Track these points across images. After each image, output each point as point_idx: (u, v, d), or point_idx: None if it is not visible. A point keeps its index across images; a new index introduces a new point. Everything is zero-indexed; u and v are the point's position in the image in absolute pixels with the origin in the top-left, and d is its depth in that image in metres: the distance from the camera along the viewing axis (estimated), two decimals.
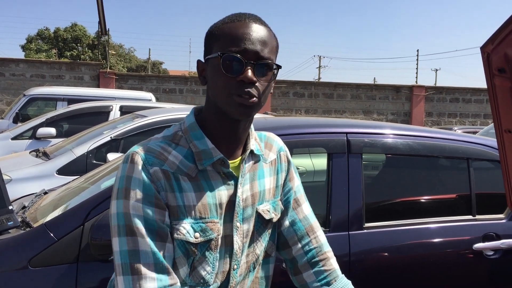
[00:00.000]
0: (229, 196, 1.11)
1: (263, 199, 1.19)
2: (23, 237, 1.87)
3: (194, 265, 1.08)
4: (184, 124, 1.14)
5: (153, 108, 5.99)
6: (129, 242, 1.00)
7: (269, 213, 1.19)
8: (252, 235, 1.17)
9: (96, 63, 15.58)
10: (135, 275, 0.99)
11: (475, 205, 2.41)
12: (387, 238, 2.23)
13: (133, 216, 1.01)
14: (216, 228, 1.08)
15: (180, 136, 1.11)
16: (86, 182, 2.67)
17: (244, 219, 1.14)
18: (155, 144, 1.08)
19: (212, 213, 1.08)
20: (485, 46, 1.47)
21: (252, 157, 1.19)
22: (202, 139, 1.09)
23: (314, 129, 2.36)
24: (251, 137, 1.18)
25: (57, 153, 4.52)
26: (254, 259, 1.20)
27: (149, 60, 42.41)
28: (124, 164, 1.05)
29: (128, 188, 1.02)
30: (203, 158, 1.08)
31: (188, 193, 1.06)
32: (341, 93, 16.67)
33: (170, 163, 1.06)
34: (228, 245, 1.12)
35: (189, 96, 15.24)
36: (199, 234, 1.05)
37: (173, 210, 1.04)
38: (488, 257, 2.29)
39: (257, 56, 1.04)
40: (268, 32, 1.09)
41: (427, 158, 2.49)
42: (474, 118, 17.72)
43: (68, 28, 34.44)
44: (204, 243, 1.07)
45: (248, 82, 1.03)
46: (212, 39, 1.08)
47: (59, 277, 1.76)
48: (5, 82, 14.10)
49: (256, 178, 1.18)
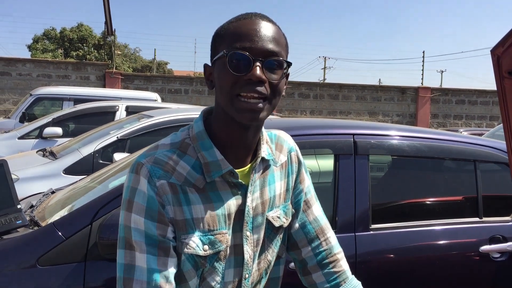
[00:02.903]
0: (238, 205, 1.06)
1: (273, 205, 1.14)
2: (31, 236, 1.89)
3: (204, 276, 1.05)
4: (192, 130, 1.07)
5: (159, 109, 6.01)
6: (126, 255, 0.98)
7: (280, 220, 1.15)
8: (263, 243, 1.13)
9: (102, 63, 15.65)
10: None
11: (482, 207, 2.40)
12: (393, 239, 2.23)
13: (134, 230, 0.98)
14: (225, 240, 1.04)
15: (188, 145, 1.05)
16: (93, 181, 2.69)
17: (254, 228, 1.10)
18: (162, 154, 1.03)
19: (221, 225, 1.04)
20: (496, 49, 1.47)
21: (263, 163, 1.13)
22: (210, 149, 1.04)
23: (321, 130, 2.36)
24: (262, 142, 1.12)
25: (63, 153, 4.55)
26: (267, 265, 1.16)
27: (155, 60, 42.52)
28: (130, 174, 1.01)
29: (131, 201, 0.99)
30: (211, 170, 1.02)
31: (196, 205, 1.01)
32: (347, 94, 16.65)
33: (177, 175, 1.01)
34: (238, 255, 1.08)
35: (194, 96, 15.27)
36: (208, 246, 1.02)
37: (180, 224, 1.00)
38: (495, 259, 2.28)
39: (265, 52, 0.97)
40: (277, 29, 1.03)
41: (433, 159, 2.49)
42: (480, 120, 17.66)
43: (74, 28, 34.59)
44: (213, 255, 1.04)
45: (257, 80, 0.95)
46: (219, 40, 1.02)
47: (67, 275, 1.77)
48: (11, 81, 14.18)
49: (266, 184, 1.12)
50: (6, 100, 14.17)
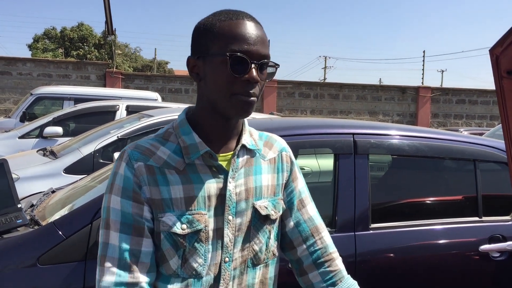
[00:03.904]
0: (218, 189, 1.12)
1: (260, 195, 1.19)
2: (32, 235, 1.89)
3: (186, 257, 1.09)
4: (175, 121, 1.17)
5: (159, 108, 6.01)
6: (104, 234, 1.06)
7: (267, 209, 1.19)
8: (248, 230, 1.17)
9: (102, 63, 15.65)
10: (101, 266, 1.04)
11: (481, 206, 2.41)
12: (393, 239, 2.23)
13: (112, 210, 1.06)
14: (203, 220, 1.09)
15: (170, 133, 1.15)
16: (94, 181, 2.69)
17: (237, 212, 1.14)
18: (144, 141, 1.13)
19: (200, 205, 1.09)
20: (494, 48, 1.47)
21: (247, 152, 1.20)
22: (190, 134, 1.12)
23: (321, 130, 2.36)
24: (244, 132, 1.20)
25: (64, 152, 4.55)
26: (252, 255, 1.19)
27: (155, 60, 42.53)
28: (116, 161, 1.11)
29: (113, 183, 1.08)
30: (190, 152, 1.11)
31: (175, 185, 1.08)
32: (347, 94, 16.66)
33: (156, 158, 1.09)
34: (220, 238, 1.13)
35: (194, 96, 15.27)
36: (186, 225, 1.07)
37: (157, 203, 1.07)
38: (494, 258, 2.29)
39: (260, 56, 1.07)
40: (263, 30, 1.12)
41: (433, 159, 2.49)
42: (480, 119, 17.66)
43: (75, 27, 34.57)
44: (192, 235, 1.08)
45: (254, 82, 1.06)
46: (209, 37, 1.09)
47: (68, 274, 1.77)
48: (12, 81, 14.20)
49: (251, 173, 1.18)
50: (6, 99, 14.18)
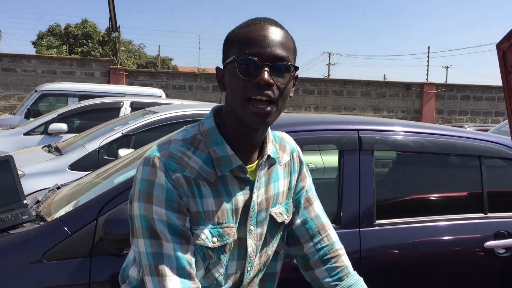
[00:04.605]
0: (244, 200, 1.12)
1: (276, 202, 1.20)
2: (37, 231, 1.90)
3: (209, 268, 1.10)
4: (203, 126, 1.13)
5: (163, 105, 6.02)
6: (153, 244, 1.02)
7: (282, 216, 1.21)
8: (265, 237, 1.19)
9: (106, 60, 15.67)
10: (160, 276, 1.01)
11: (486, 203, 2.40)
12: (398, 235, 2.23)
13: (156, 221, 1.02)
14: (232, 233, 1.10)
15: (200, 140, 1.10)
16: (99, 177, 2.70)
17: (258, 222, 1.15)
18: (175, 149, 1.07)
19: (229, 218, 1.09)
20: (501, 43, 1.46)
21: (268, 161, 1.18)
22: (221, 145, 1.09)
23: (326, 126, 2.36)
24: (268, 141, 1.17)
25: (69, 149, 4.56)
26: (266, 259, 1.22)
27: (159, 57, 42.54)
28: (145, 167, 1.05)
29: (150, 193, 1.03)
30: (222, 164, 1.08)
31: (208, 198, 1.07)
32: (351, 90, 16.61)
33: (191, 168, 1.06)
34: (242, 248, 1.13)
35: (198, 92, 15.27)
36: (216, 239, 1.07)
37: (193, 216, 1.05)
38: (500, 255, 2.28)
39: (273, 57, 1.03)
40: (285, 34, 1.08)
41: (438, 155, 2.48)
42: (485, 116, 17.57)
43: (79, 24, 34.62)
44: (220, 247, 1.09)
45: (265, 84, 1.01)
46: (229, 45, 1.08)
47: (73, 270, 1.78)
48: (16, 78, 14.23)
49: (271, 181, 1.18)
50: (11, 96, 14.23)
